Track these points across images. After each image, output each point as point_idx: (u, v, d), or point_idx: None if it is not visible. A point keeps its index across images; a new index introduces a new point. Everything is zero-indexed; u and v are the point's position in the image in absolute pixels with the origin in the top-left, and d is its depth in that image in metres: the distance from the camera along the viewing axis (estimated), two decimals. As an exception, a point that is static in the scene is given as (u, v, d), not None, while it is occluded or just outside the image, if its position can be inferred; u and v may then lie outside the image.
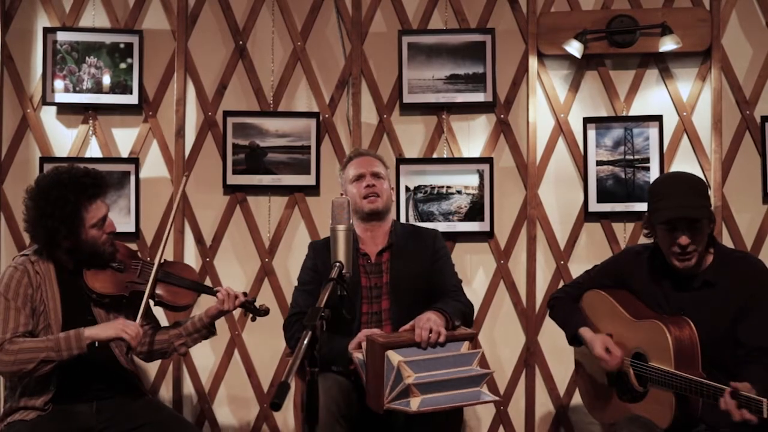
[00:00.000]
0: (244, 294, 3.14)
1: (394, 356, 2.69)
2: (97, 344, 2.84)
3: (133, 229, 3.99)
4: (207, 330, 3.15)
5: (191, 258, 4.08)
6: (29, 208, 2.95)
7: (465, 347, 2.82)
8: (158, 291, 3.06)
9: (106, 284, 3.01)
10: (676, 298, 2.86)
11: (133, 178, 4.00)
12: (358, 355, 2.87)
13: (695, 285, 2.84)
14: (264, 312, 3.17)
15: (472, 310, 3.23)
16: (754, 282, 2.80)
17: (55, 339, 2.83)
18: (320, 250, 3.18)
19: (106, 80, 4.03)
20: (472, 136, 4.10)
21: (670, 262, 2.83)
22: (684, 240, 2.73)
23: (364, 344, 2.85)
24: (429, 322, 2.81)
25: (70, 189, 2.91)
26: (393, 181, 3.39)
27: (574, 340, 3.08)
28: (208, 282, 4.03)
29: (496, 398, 3.66)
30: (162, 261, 3.09)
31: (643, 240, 3.81)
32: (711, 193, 3.42)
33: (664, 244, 2.82)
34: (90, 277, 2.99)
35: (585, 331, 3.01)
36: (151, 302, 3.07)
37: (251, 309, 3.14)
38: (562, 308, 3.17)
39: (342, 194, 3.30)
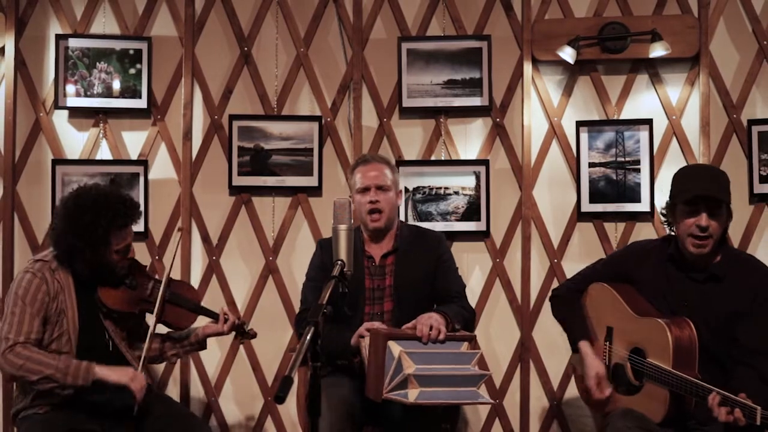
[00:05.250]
0: (238, 318, 3.27)
1: (396, 347, 2.75)
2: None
3: (142, 229, 4.03)
4: (199, 344, 3.28)
5: (198, 256, 4.15)
6: (61, 219, 3.00)
7: (464, 348, 2.87)
8: (164, 312, 3.17)
9: (118, 301, 3.09)
10: (681, 289, 2.90)
11: (142, 179, 4.07)
12: (366, 344, 2.93)
13: (701, 278, 2.89)
14: (251, 335, 3.33)
15: (474, 315, 3.28)
16: (760, 285, 2.85)
17: (67, 363, 2.87)
18: (328, 248, 3.18)
19: (116, 85, 4.10)
20: (469, 139, 4.18)
21: (684, 248, 2.87)
22: (704, 220, 2.78)
23: (367, 335, 2.92)
24: (430, 319, 2.88)
25: (106, 217, 2.95)
26: (400, 184, 3.40)
27: (574, 346, 3.14)
28: (215, 282, 4.13)
29: (492, 401, 3.73)
30: (169, 280, 3.19)
31: (635, 239, 3.95)
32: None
33: (683, 227, 2.85)
34: (103, 292, 3.07)
35: (584, 346, 3.06)
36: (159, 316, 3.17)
37: (240, 332, 3.28)
38: (564, 308, 3.22)
39: (349, 196, 3.35)
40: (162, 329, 3.28)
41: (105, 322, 3.10)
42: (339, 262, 2.35)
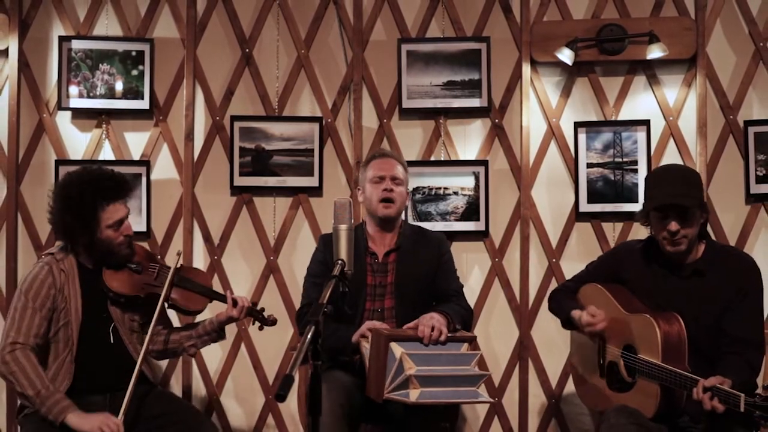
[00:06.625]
0: (254, 303, 3.24)
1: (397, 348, 2.78)
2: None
3: (144, 229, 4.08)
4: (216, 334, 3.24)
5: (199, 256, 4.18)
6: (53, 202, 3.06)
7: (464, 348, 2.90)
8: (172, 295, 3.16)
9: (123, 284, 3.10)
10: (666, 286, 2.95)
11: (144, 180, 4.09)
12: (366, 344, 2.96)
13: (685, 274, 2.93)
14: (271, 322, 3.27)
15: (472, 315, 3.32)
16: (743, 277, 2.89)
17: (48, 394, 2.85)
18: (330, 243, 3.22)
19: (119, 86, 4.13)
20: (468, 140, 4.21)
21: (662, 248, 2.92)
22: (674, 226, 2.82)
23: (369, 335, 2.94)
24: (432, 320, 2.90)
25: (91, 189, 3.00)
26: (409, 183, 3.45)
27: (567, 323, 3.18)
28: (217, 281, 4.14)
29: (492, 400, 3.77)
30: (179, 266, 3.20)
31: (633, 239, 3.98)
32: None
33: (657, 231, 2.91)
34: (108, 276, 3.08)
35: (575, 313, 3.10)
36: (165, 304, 3.17)
37: (258, 317, 3.25)
38: (559, 299, 3.28)
39: (359, 189, 3.41)
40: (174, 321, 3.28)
41: (111, 309, 3.11)
42: (339, 262, 2.37)
